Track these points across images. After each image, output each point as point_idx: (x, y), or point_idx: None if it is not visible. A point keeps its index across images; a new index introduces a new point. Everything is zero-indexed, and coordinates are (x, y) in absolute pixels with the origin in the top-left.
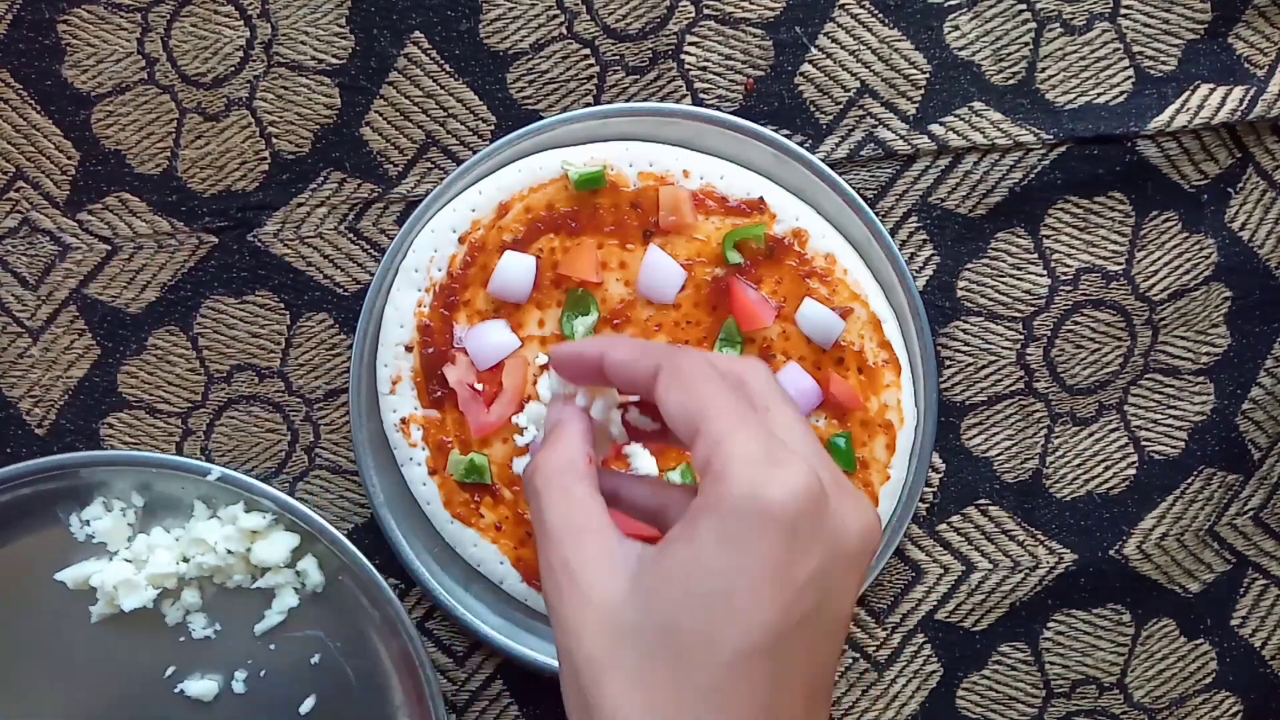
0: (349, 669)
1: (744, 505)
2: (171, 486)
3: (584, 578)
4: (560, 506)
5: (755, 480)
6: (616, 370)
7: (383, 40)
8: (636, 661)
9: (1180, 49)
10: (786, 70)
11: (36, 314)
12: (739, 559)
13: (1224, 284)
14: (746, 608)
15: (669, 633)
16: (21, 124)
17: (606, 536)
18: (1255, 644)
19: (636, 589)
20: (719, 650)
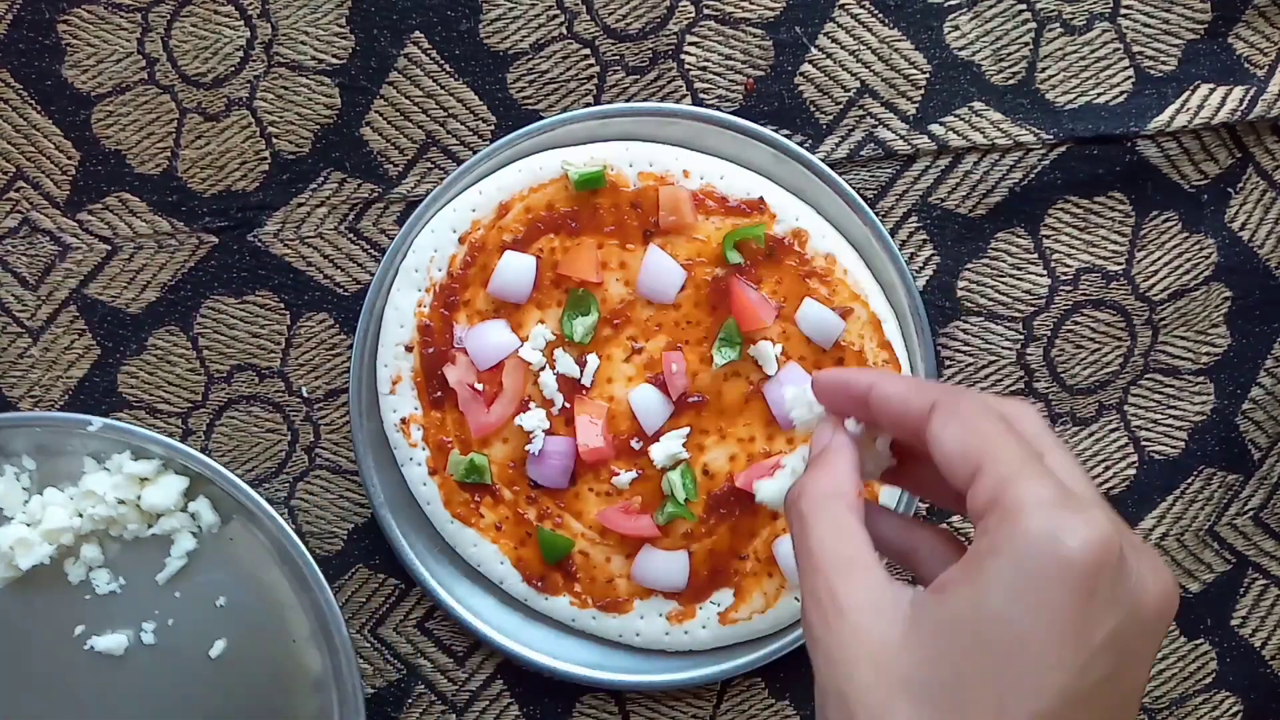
0: (254, 608)
1: (1040, 550)
2: (62, 444)
3: (855, 615)
4: (829, 536)
5: (1052, 525)
6: (886, 404)
7: (383, 40)
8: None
9: (1180, 49)
10: (786, 70)
11: (37, 314)
12: (1033, 609)
13: (1224, 284)
14: (1039, 667)
15: (952, 688)
16: (22, 124)
17: (877, 574)
18: (1255, 644)
19: (914, 634)
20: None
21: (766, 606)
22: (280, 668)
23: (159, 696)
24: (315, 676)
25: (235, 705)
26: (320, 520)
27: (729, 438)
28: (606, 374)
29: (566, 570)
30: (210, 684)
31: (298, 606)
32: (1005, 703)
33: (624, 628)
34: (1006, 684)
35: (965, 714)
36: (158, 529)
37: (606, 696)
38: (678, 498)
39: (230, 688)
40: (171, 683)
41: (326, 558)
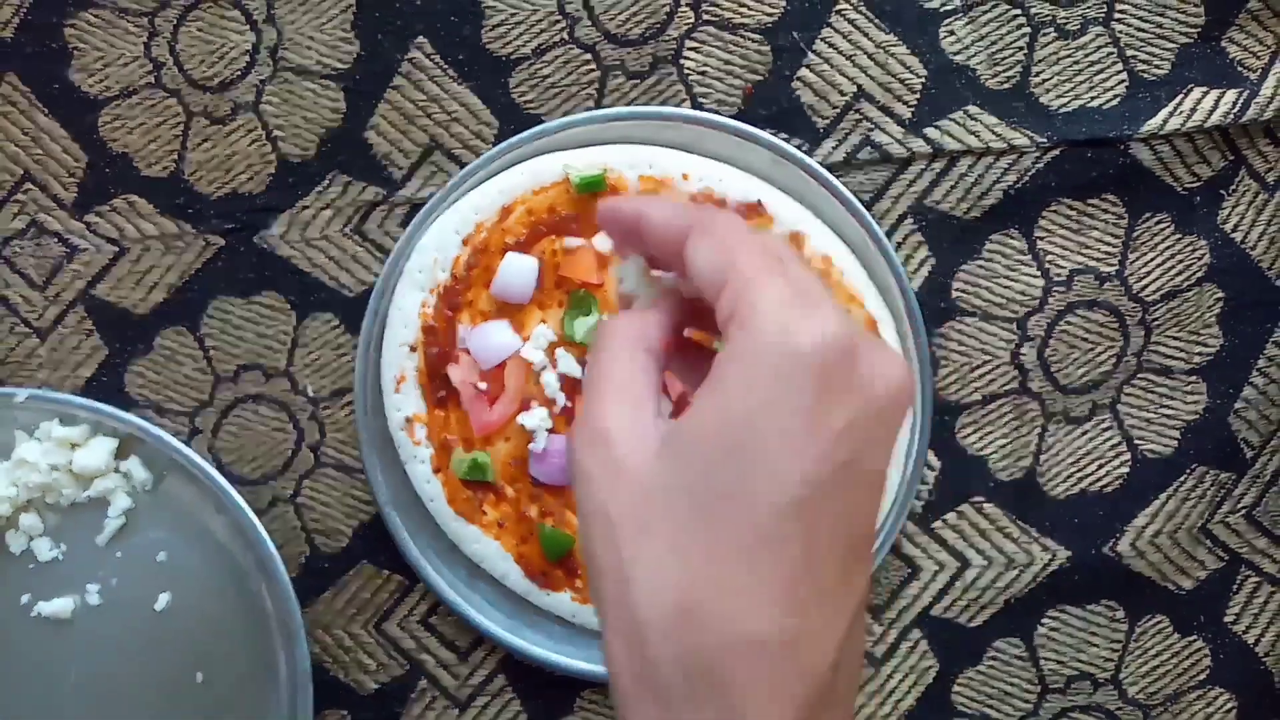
0: (195, 559)
1: (773, 348)
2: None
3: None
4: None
5: (785, 323)
6: (652, 228)
7: (387, 45)
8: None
9: (1173, 53)
10: (784, 75)
11: (44, 315)
12: (770, 405)
13: (1216, 285)
14: (780, 460)
15: (702, 492)
16: (29, 127)
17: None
18: (1249, 640)
19: (667, 450)
20: (753, 507)
21: None
22: (225, 615)
23: (109, 654)
24: (258, 618)
25: (184, 656)
26: (326, 517)
27: None
28: None
29: (568, 567)
30: (158, 638)
31: (237, 554)
32: (751, 496)
33: None
34: (751, 478)
35: (713, 512)
36: (92, 491)
37: (607, 691)
38: None
39: (177, 639)
40: (120, 640)
41: (332, 554)
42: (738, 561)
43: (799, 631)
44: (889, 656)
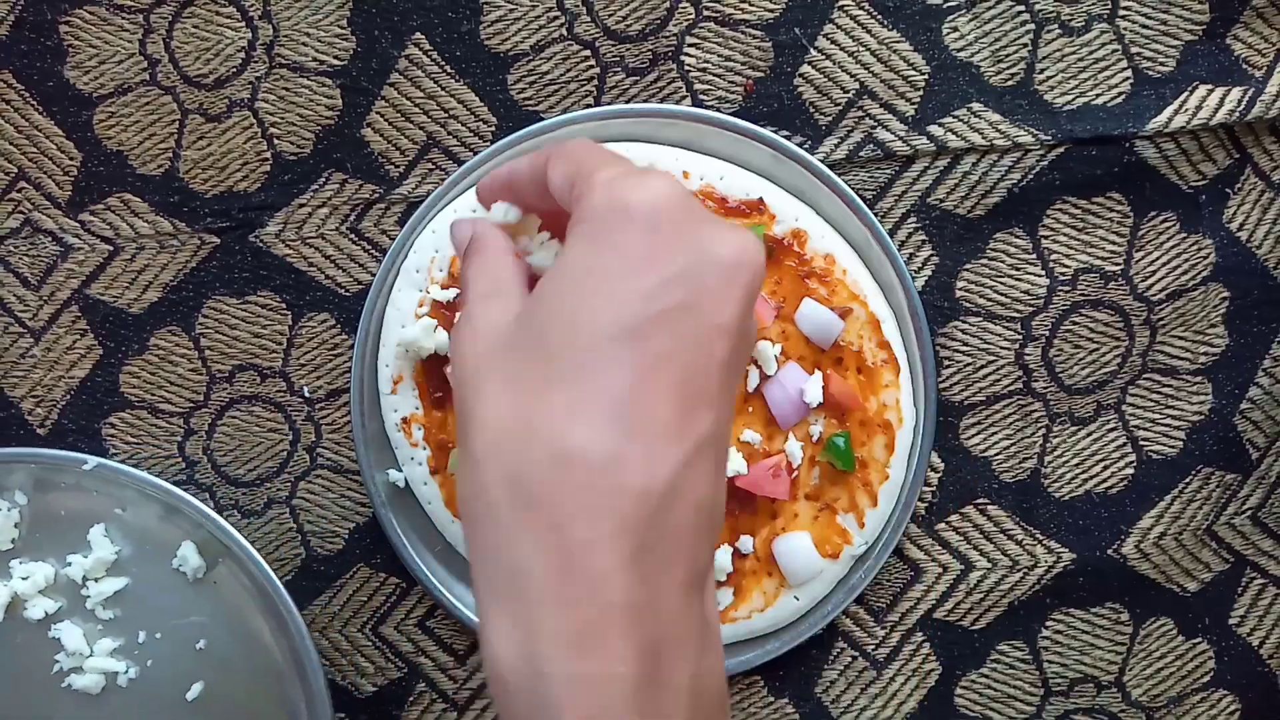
0: (234, 651)
1: (605, 209)
2: (56, 480)
3: (479, 317)
4: (485, 280)
5: (618, 188)
6: (521, 175)
7: (384, 41)
8: (509, 365)
9: (1178, 50)
10: (786, 71)
11: (39, 314)
12: (598, 255)
13: (1222, 284)
14: (604, 294)
15: (538, 335)
16: (24, 125)
17: (512, 296)
18: (1253, 643)
19: (519, 317)
20: (578, 337)
21: (766, 605)
22: (256, 713)
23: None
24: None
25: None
26: (322, 519)
27: None
28: None
29: None
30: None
31: (277, 653)
32: (579, 327)
33: None
34: (579, 314)
35: (546, 351)
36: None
37: None
38: None
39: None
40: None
41: (328, 556)
42: (565, 387)
43: (622, 451)
44: (891, 659)
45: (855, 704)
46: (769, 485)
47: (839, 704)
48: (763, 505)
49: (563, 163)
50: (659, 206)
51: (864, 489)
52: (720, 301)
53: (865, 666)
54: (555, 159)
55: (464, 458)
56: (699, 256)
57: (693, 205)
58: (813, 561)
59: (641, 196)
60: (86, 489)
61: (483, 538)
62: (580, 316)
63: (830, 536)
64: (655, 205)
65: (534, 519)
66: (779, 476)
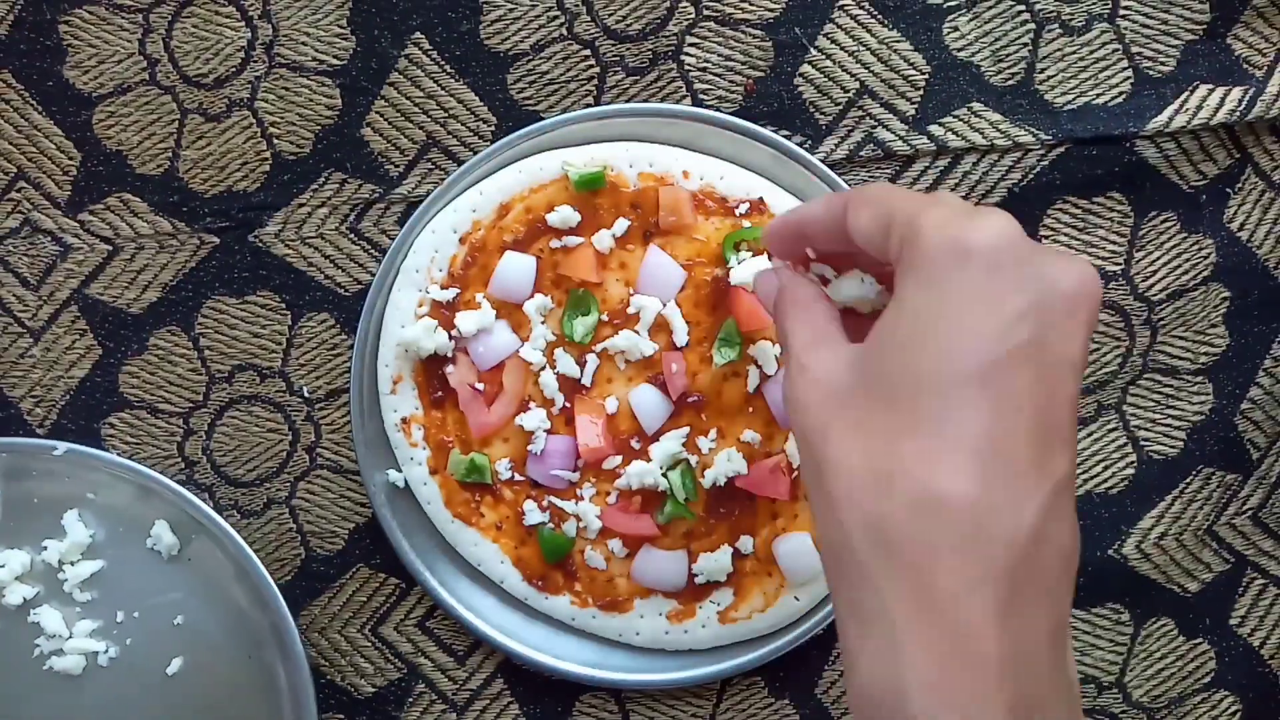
0: (212, 625)
1: (941, 252)
2: (28, 468)
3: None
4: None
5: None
6: (813, 223)
7: (384, 41)
8: (853, 413)
9: (1179, 50)
10: (786, 71)
11: (38, 314)
12: (941, 300)
13: (1223, 284)
14: (953, 338)
15: (881, 382)
16: (23, 124)
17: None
18: (1254, 643)
19: (856, 359)
20: (928, 380)
21: (766, 605)
22: (236, 683)
23: (116, 715)
24: (271, 690)
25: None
26: (321, 520)
27: (728, 437)
28: (607, 374)
29: (567, 569)
30: (167, 701)
31: (254, 622)
32: (926, 376)
33: (624, 627)
34: (927, 361)
35: (893, 397)
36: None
37: (606, 695)
38: (678, 497)
39: (187, 704)
40: (129, 701)
41: (328, 556)
42: (919, 434)
43: (985, 496)
44: None
45: None
46: (769, 485)
47: (839, 704)
48: (763, 505)
49: (869, 208)
50: (999, 245)
51: None
52: (1066, 335)
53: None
54: (858, 205)
55: (821, 499)
56: (1043, 291)
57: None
58: (813, 562)
59: (981, 236)
60: (58, 474)
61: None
62: (928, 361)
63: None
64: (995, 244)
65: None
66: (779, 476)
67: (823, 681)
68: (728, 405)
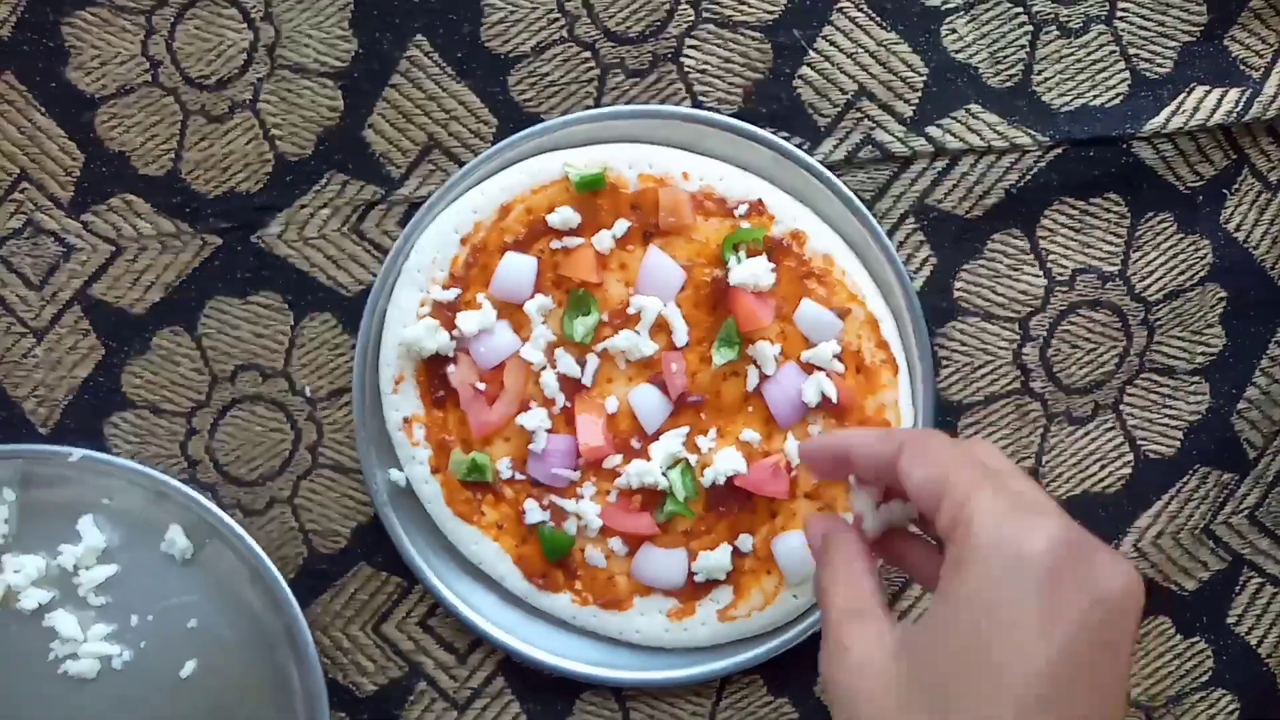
0: (225, 628)
1: (997, 554)
2: (43, 474)
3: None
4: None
5: (1008, 529)
6: (862, 454)
7: (385, 43)
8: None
9: (1176, 51)
10: (785, 73)
11: (41, 314)
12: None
13: (1219, 284)
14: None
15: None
16: (26, 125)
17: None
18: (1251, 642)
19: (902, 657)
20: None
21: (765, 604)
22: (249, 685)
23: (130, 718)
24: (284, 691)
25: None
26: (323, 518)
27: (728, 437)
28: (607, 374)
29: (567, 568)
30: (181, 703)
31: (267, 624)
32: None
33: (624, 625)
34: (987, 678)
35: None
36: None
37: (607, 693)
38: (677, 496)
39: (200, 707)
40: (143, 704)
41: (330, 555)
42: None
43: None
44: None
45: None
46: (768, 484)
47: None
48: (762, 504)
49: (925, 464)
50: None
51: None
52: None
53: None
54: (914, 455)
55: None
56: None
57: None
58: (812, 560)
59: (1035, 545)
60: (73, 480)
61: None
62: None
63: None
64: (1051, 554)
65: None
66: (778, 475)
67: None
68: (727, 405)
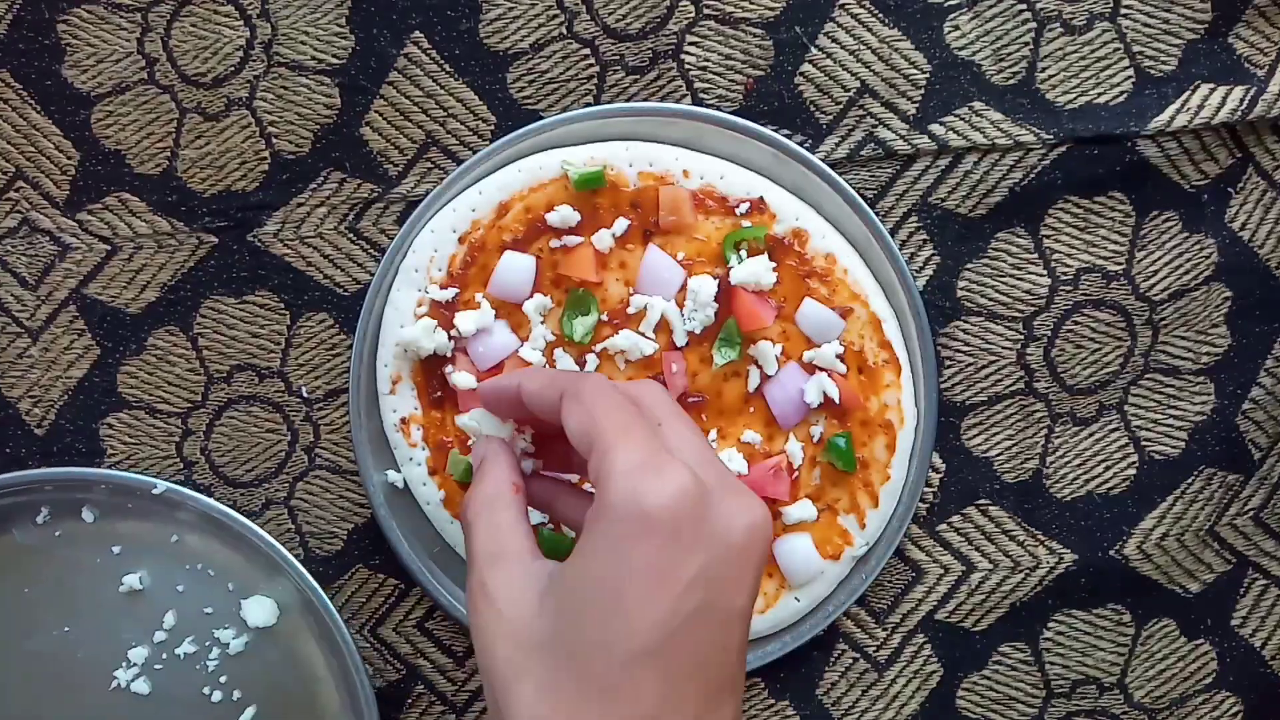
0: (287, 679)
1: (624, 512)
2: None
3: (498, 596)
4: (484, 535)
5: (634, 488)
6: (531, 398)
7: (383, 40)
8: (543, 671)
9: (1180, 49)
10: (786, 70)
11: (36, 314)
12: (624, 565)
13: (1224, 284)
14: (634, 611)
15: (570, 642)
16: (21, 124)
17: (522, 559)
18: (1255, 644)
19: (544, 604)
20: (613, 653)
21: (766, 607)
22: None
23: None
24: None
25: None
26: (320, 520)
27: (729, 438)
28: (606, 374)
29: None
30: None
31: (330, 680)
32: (609, 644)
33: None
34: (610, 630)
35: (579, 662)
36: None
37: None
38: None
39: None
40: None
41: (326, 557)
42: (602, 703)
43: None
44: (893, 662)
45: (856, 706)
46: (770, 486)
47: (840, 706)
48: None
49: (579, 411)
50: (676, 510)
51: (865, 489)
52: (736, 588)
53: (866, 668)
54: (571, 401)
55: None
56: (716, 549)
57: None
58: (813, 562)
59: (659, 501)
60: (153, 513)
61: None
62: (609, 635)
63: (831, 537)
64: (673, 509)
65: None
66: (780, 477)
67: (823, 683)
68: (728, 405)
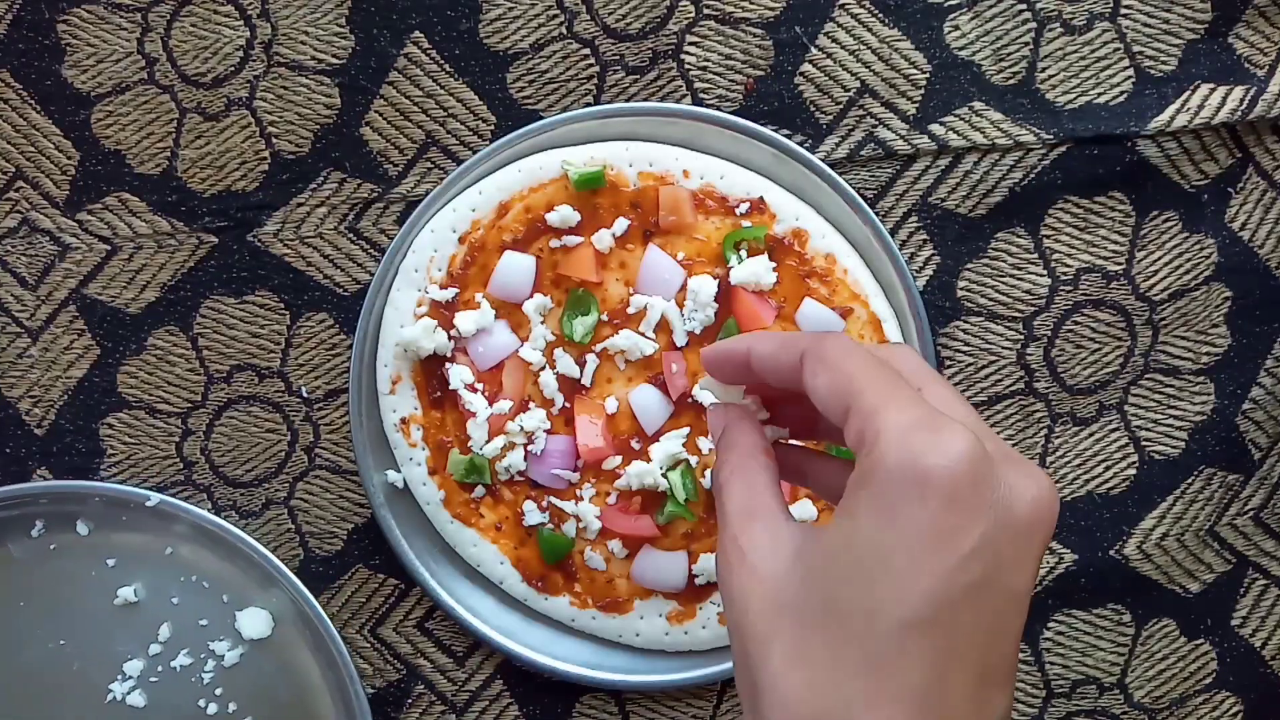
0: (280, 688)
1: (899, 473)
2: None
3: (752, 555)
4: (740, 493)
5: (911, 447)
6: (763, 362)
7: (383, 40)
8: (797, 635)
9: (1180, 49)
10: (786, 70)
11: (36, 314)
12: (895, 528)
13: (1224, 284)
14: (903, 577)
15: (828, 607)
16: (21, 124)
17: (775, 519)
18: (1255, 644)
19: (798, 565)
20: (877, 622)
21: None
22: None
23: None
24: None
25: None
26: (320, 520)
27: None
28: (607, 374)
29: (566, 570)
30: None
31: (325, 691)
32: (875, 613)
33: (624, 628)
34: (876, 596)
35: (837, 628)
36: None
37: (606, 697)
38: (678, 498)
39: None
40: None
41: (326, 557)
42: (863, 675)
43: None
44: None
45: None
46: None
47: None
48: None
49: (829, 375)
50: (958, 474)
51: None
52: (1017, 567)
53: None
54: (817, 363)
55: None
56: (998, 523)
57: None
58: None
59: (940, 462)
60: (148, 526)
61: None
62: (876, 600)
63: None
64: (954, 473)
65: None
66: None
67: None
68: None
